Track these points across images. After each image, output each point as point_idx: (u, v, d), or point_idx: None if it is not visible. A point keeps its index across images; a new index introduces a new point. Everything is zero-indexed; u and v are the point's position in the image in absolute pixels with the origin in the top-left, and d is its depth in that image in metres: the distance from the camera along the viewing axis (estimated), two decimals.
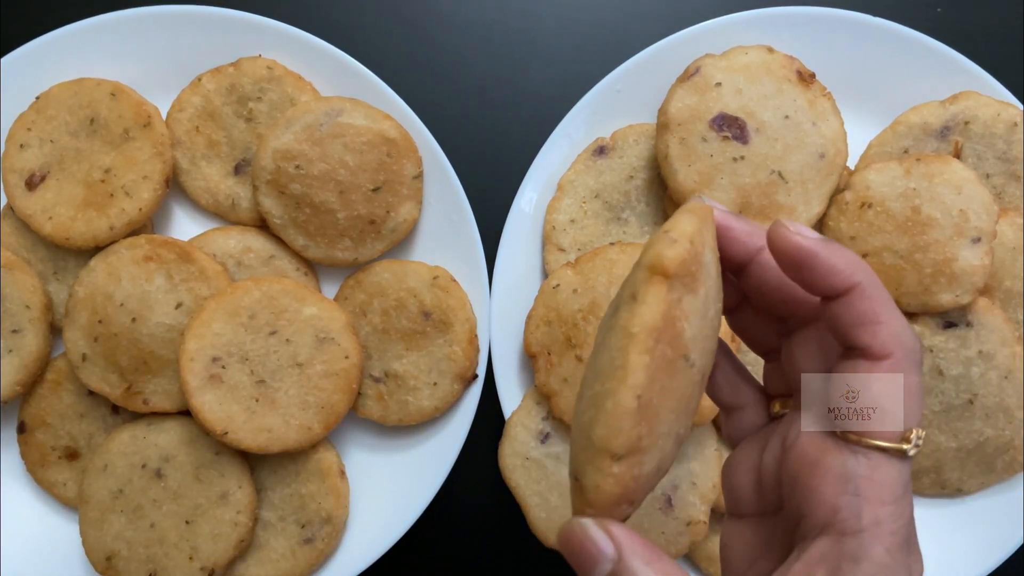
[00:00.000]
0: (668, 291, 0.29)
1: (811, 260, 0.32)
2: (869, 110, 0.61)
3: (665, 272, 0.29)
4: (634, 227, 0.61)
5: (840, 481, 0.31)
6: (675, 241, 0.29)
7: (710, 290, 0.32)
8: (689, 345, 0.30)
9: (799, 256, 0.32)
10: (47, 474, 0.60)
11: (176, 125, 0.61)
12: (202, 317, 0.56)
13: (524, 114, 0.66)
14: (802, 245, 0.32)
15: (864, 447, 0.32)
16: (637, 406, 0.29)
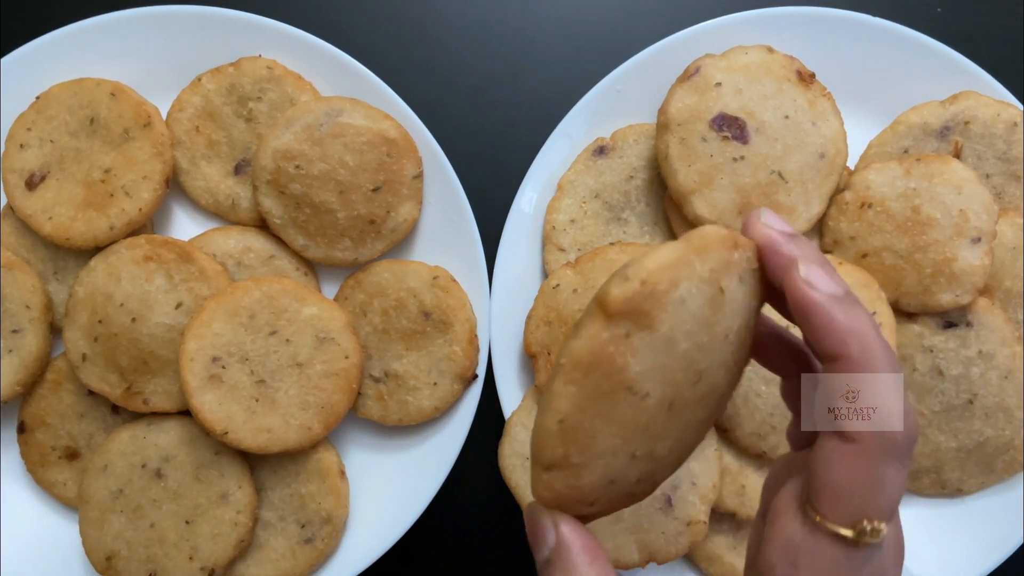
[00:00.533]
0: (606, 328, 0.30)
1: (813, 316, 0.31)
2: (869, 110, 0.61)
3: (606, 310, 0.30)
4: (634, 227, 0.61)
5: (786, 547, 0.32)
6: (626, 280, 0.30)
7: (688, 323, 0.31)
8: (636, 379, 0.31)
9: (805, 308, 0.32)
10: (47, 474, 0.60)
11: (176, 125, 0.61)
12: (202, 317, 0.56)
13: (524, 114, 0.66)
14: (811, 299, 0.31)
15: (812, 522, 0.31)
16: (559, 430, 0.31)
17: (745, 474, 0.57)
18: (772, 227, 0.34)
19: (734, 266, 0.33)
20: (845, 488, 0.31)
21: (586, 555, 0.34)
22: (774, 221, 0.34)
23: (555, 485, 0.33)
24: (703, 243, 0.32)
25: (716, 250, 0.32)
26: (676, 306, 0.31)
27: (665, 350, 0.31)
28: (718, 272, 0.32)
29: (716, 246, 0.32)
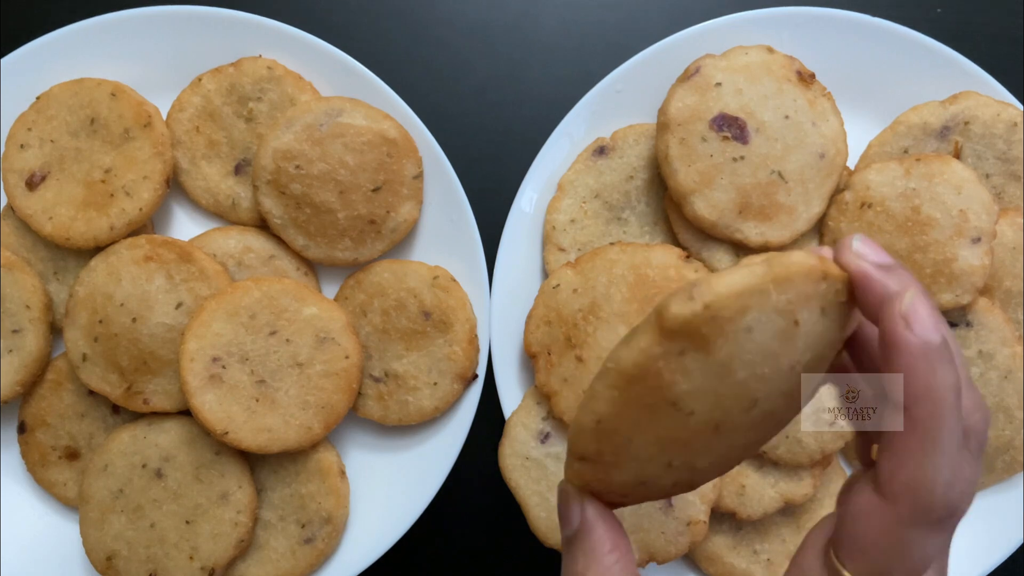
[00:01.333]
0: (658, 344, 0.29)
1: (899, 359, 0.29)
2: (869, 110, 0.61)
3: (662, 325, 0.29)
4: (634, 227, 0.61)
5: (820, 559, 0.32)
6: (690, 299, 0.28)
7: (750, 354, 0.29)
8: (682, 396, 0.30)
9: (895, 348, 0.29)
10: (47, 474, 0.60)
11: (176, 125, 0.61)
12: (202, 317, 0.56)
13: (524, 114, 0.66)
14: (904, 341, 0.29)
15: (832, 566, 0.32)
16: (595, 429, 0.32)
17: (745, 474, 0.57)
18: (867, 258, 0.31)
19: (817, 298, 0.30)
20: (870, 545, 0.30)
21: (608, 540, 0.35)
22: (869, 251, 0.31)
23: (585, 475, 0.34)
24: (786, 272, 0.29)
25: (800, 282, 0.30)
26: (740, 334, 0.29)
27: (719, 376, 0.30)
28: (796, 304, 0.30)
29: (801, 278, 0.30)
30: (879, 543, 0.30)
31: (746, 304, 0.29)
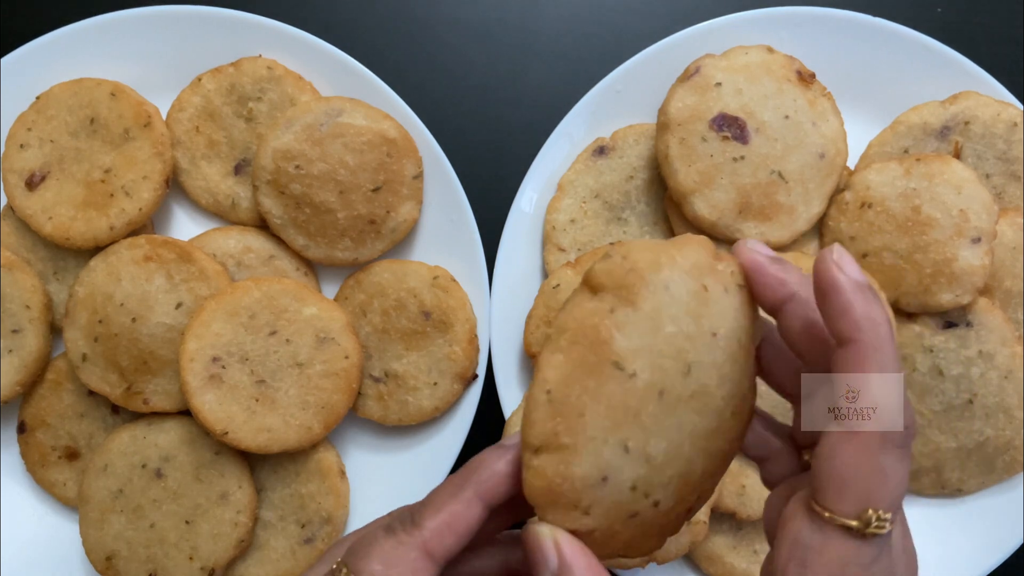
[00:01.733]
0: (590, 301, 0.31)
1: (837, 296, 0.31)
2: (869, 110, 0.61)
3: (590, 283, 0.32)
4: (634, 227, 0.61)
5: (794, 548, 0.32)
6: (609, 256, 0.32)
7: (672, 307, 0.32)
8: (622, 354, 0.31)
9: (831, 288, 0.32)
10: (47, 474, 0.60)
11: (176, 125, 0.61)
12: (202, 317, 0.56)
13: (524, 114, 0.66)
14: (838, 281, 0.31)
15: (820, 519, 0.32)
16: (547, 400, 0.31)
17: (745, 474, 0.57)
18: (760, 252, 0.35)
19: (718, 274, 0.34)
20: (849, 477, 0.31)
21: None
22: (761, 247, 0.35)
23: (546, 471, 0.32)
24: (683, 242, 0.33)
25: (696, 251, 0.33)
26: (659, 289, 0.32)
27: (650, 330, 0.32)
28: (700, 270, 0.33)
29: (696, 247, 0.33)
30: (859, 474, 0.31)
31: (658, 259, 0.32)
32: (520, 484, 0.33)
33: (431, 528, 0.33)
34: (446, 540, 0.33)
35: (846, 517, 0.31)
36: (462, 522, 0.33)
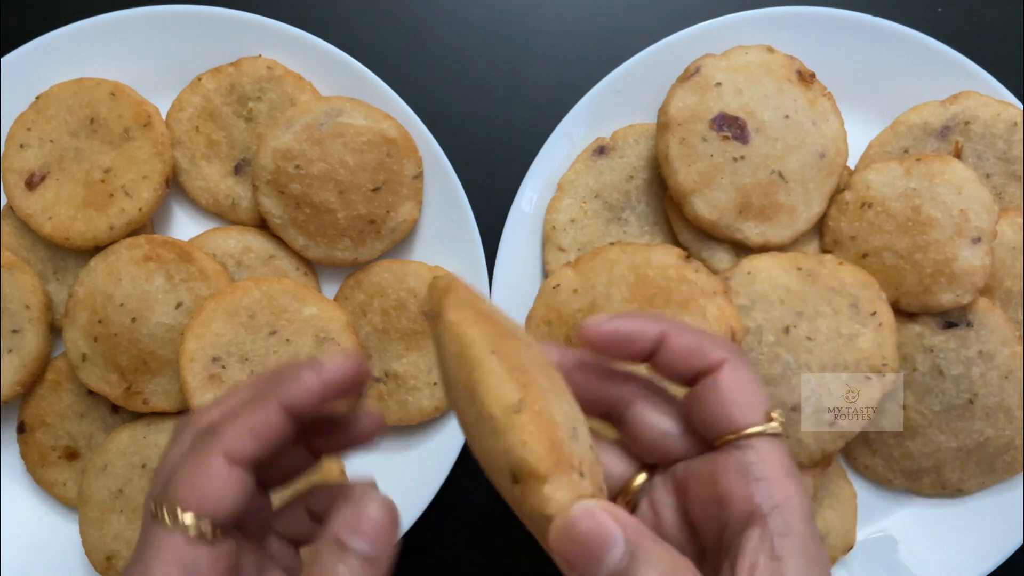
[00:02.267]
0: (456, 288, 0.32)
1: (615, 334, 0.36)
2: (869, 110, 0.61)
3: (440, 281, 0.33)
4: (634, 227, 0.61)
5: (741, 475, 0.33)
6: (439, 276, 0.34)
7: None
8: (509, 326, 0.32)
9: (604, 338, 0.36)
10: (47, 474, 0.60)
11: (176, 125, 0.61)
12: (202, 317, 0.56)
13: (524, 114, 0.66)
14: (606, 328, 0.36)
15: (743, 439, 0.33)
16: (495, 354, 0.29)
17: None
18: (604, 327, 0.36)
19: None
20: (745, 396, 0.34)
21: (666, 550, 0.30)
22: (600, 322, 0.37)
23: (528, 426, 0.28)
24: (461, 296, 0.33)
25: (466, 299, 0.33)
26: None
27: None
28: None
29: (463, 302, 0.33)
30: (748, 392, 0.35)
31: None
32: (321, 401, 0.33)
33: (230, 435, 0.33)
34: (246, 444, 0.33)
35: (761, 424, 0.34)
36: (263, 427, 0.33)
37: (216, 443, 0.33)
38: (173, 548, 0.32)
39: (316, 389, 0.34)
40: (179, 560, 0.32)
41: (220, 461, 0.33)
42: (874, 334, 0.55)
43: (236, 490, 0.33)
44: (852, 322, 0.55)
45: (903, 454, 0.59)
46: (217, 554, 0.32)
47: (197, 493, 0.32)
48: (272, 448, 0.34)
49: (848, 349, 0.55)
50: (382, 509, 0.33)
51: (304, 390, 0.34)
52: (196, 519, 0.32)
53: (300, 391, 0.34)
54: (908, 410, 0.58)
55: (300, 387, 0.34)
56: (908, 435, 0.58)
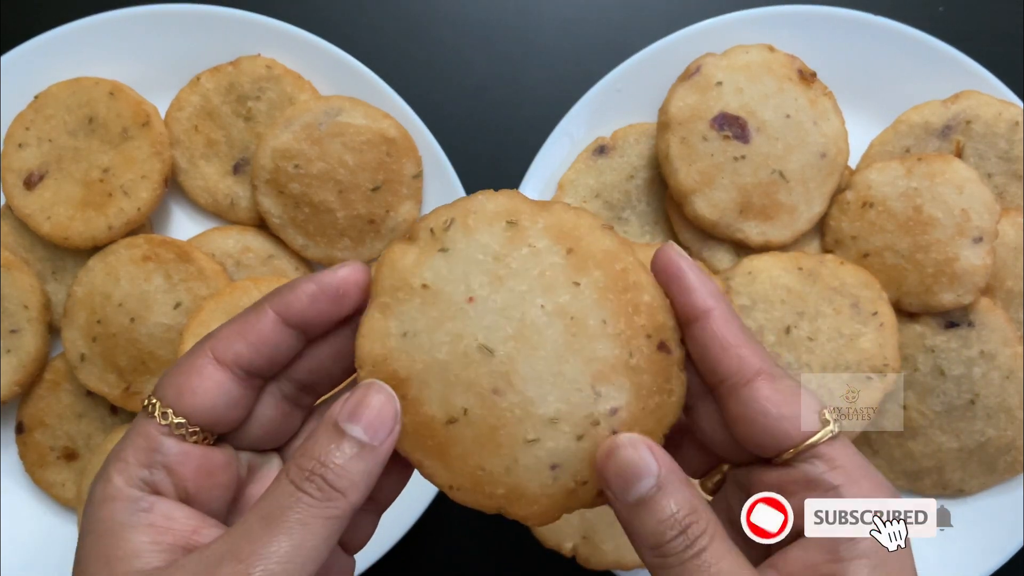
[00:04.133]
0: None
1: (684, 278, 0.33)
2: (870, 109, 0.61)
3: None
4: (635, 226, 0.61)
5: (812, 490, 0.31)
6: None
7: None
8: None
9: (672, 270, 0.33)
10: (46, 474, 0.60)
11: (175, 124, 0.60)
12: (200, 317, 0.55)
13: (524, 114, 0.66)
14: (677, 263, 0.33)
15: (804, 451, 0.32)
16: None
17: None
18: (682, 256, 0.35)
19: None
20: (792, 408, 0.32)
21: (691, 485, 0.31)
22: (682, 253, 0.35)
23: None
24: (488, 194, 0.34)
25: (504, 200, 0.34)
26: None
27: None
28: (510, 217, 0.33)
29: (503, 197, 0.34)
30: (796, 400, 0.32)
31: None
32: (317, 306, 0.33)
33: (220, 336, 0.33)
34: (235, 345, 0.33)
35: (817, 430, 0.31)
36: (253, 330, 0.33)
37: (207, 343, 0.33)
38: (146, 436, 0.32)
39: (311, 292, 0.33)
40: (149, 447, 0.32)
41: (206, 360, 0.33)
42: (875, 334, 0.55)
43: (216, 390, 0.33)
44: (853, 322, 0.55)
45: (904, 454, 0.59)
46: (188, 449, 0.33)
47: (175, 388, 0.33)
48: (267, 355, 0.33)
49: (849, 349, 0.55)
50: (383, 400, 0.32)
51: (297, 295, 0.33)
52: (171, 412, 0.32)
53: (293, 296, 0.33)
54: (909, 410, 0.58)
55: (294, 292, 0.33)
56: (909, 435, 0.58)
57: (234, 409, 0.34)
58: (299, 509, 0.30)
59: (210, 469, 0.33)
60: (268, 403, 0.35)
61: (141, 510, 0.32)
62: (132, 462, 0.32)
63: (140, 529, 0.31)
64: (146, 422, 0.33)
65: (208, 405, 0.33)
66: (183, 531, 0.32)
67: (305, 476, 0.31)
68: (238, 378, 0.33)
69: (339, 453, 0.31)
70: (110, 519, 0.32)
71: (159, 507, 0.32)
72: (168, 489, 0.32)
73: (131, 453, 0.32)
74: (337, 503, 0.31)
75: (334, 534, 0.31)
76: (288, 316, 0.33)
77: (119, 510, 0.32)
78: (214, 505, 0.34)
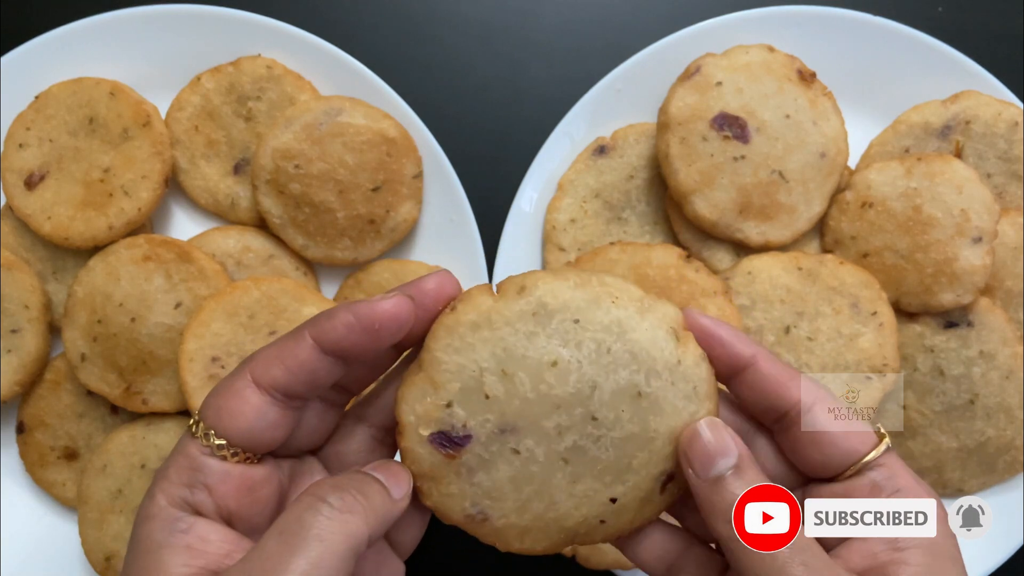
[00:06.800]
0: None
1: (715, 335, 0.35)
2: (870, 109, 0.61)
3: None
4: (634, 227, 0.61)
5: (875, 494, 0.34)
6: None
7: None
8: None
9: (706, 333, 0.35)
10: (46, 474, 0.60)
11: (175, 124, 0.60)
12: (201, 317, 0.55)
13: (524, 114, 0.66)
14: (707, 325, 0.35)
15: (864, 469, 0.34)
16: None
17: None
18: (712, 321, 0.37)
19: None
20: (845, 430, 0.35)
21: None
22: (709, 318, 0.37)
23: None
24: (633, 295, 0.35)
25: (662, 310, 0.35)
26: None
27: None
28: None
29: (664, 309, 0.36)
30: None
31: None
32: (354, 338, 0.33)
33: (259, 359, 0.34)
34: (272, 370, 0.33)
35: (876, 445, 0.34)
36: (290, 356, 0.33)
37: (247, 365, 0.34)
38: (188, 456, 0.33)
39: (347, 323, 0.33)
40: (191, 466, 0.33)
41: (245, 383, 0.33)
42: (875, 334, 0.55)
43: (253, 413, 0.33)
44: (853, 322, 0.55)
45: (904, 454, 0.59)
46: (229, 469, 0.33)
47: (216, 410, 0.33)
48: (305, 380, 0.34)
49: (849, 349, 0.55)
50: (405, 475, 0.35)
51: (334, 324, 0.33)
52: (212, 433, 0.33)
53: (330, 324, 0.33)
54: (909, 410, 0.58)
55: (331, 321, 0.33)
56: (909, 435, 0.58)
57: (273, 430, 0.34)
58: (318, 523, 0.30)
59: (251, 486, 0.34)
60: (307, 414, 0.36)
61: (179, 531, 0.32)
62: (175, 481, 0.33)
63: (176, 550, 0.32)
64: (189, 442, 0.33)
65: (247, 427, 0.33)
66: (216, 554, 0.32)
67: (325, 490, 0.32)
68: (276, 401, 0.34)
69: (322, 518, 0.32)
70: (148, 538, 0.32)
71: (196, 528, 0.32)
72: (209, 509, 0.33)
73: (174, 472, 0.33)
74: (357, 516, 0.31)
75: (355, 548, 0.31)
76: (325, 345, 0.33)
77: (158, 529, 0.32)
78: (256, 520, 0.34)
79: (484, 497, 0.35)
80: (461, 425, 0.34)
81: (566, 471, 0.34)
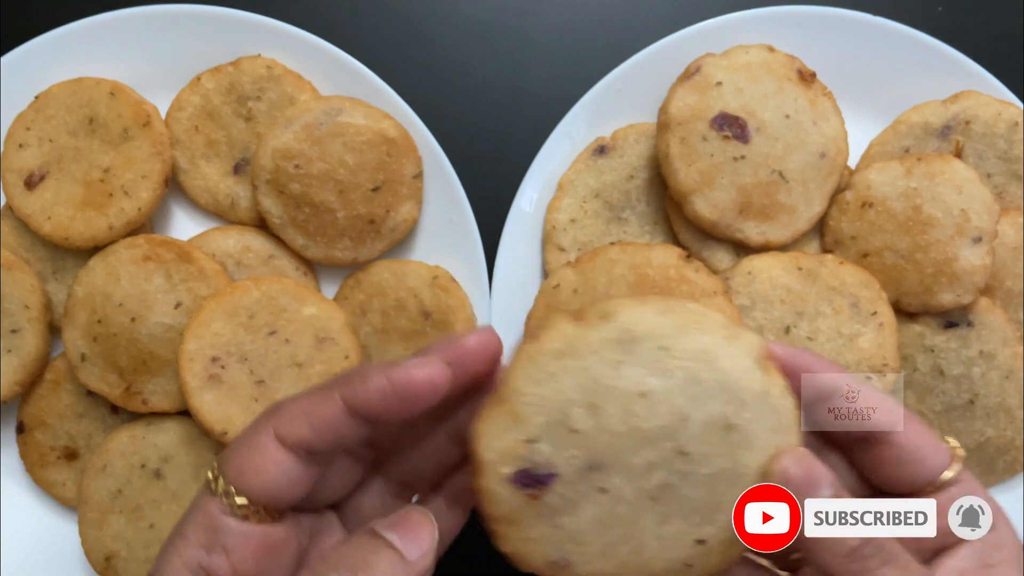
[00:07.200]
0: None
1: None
2: (870, 109, 0.61)
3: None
4: (634, 227, 0.61)
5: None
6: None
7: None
8: None
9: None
10: (46, 474, 0.60)
11: (175, 124, 0.60)
12: (201, 317, 0.55)
13: (524, 114, 0.66)
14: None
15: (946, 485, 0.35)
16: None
17: None
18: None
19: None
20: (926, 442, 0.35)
21: None
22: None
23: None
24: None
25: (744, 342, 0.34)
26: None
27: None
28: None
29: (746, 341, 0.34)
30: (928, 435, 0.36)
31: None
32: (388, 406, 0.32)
33: (284, 415, 0.33)
34: (297, 427, 0.32)
35: (950, 459, 0.35)
36: (317, 414, 0.32)
37: (270, 420, 0.33)
38: (207, 514, 0.32)
39: (380, 388, 0.32)
40: (210, 525, 0.32)
41: (268, 439, 0.32)
42: (875, 334, 0.55)
43: (276, 470, 0.32)
44: (853, 322, 0.55)
45: None
46: (249, 530, 0.32)
47: (237, 466, 0.32)
48: (331, 441, 0.32)
49: (849, 349, 0.55)
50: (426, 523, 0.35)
51: (367, 388, 0.32)
52: (233, 491, 0.32)
53: (362, 388, 0.32)
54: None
55: (364, 385, 0.32)
56: None
57: (296, 487, 0.33)
58: None
59: (271, 547, 0.33)
60: (331, 469, 0.35)
61: None
62: (192, 541, 0.32)
63: None
64: (208, 500, 0.32)
65: (269, 485, 0.32)
66: None
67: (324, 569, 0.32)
68: (300, 458, 0.33)
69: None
70: None
71: None
72: (226, 572, 0.32)
73: (191, 531, 0.32)
74: None
75: None
76: (355, 407, 0.32)
77: None
78: None
79: (568, 541, 0.32)
80: (545, 462, 0.31)
81: (655, 511, 0.32)
